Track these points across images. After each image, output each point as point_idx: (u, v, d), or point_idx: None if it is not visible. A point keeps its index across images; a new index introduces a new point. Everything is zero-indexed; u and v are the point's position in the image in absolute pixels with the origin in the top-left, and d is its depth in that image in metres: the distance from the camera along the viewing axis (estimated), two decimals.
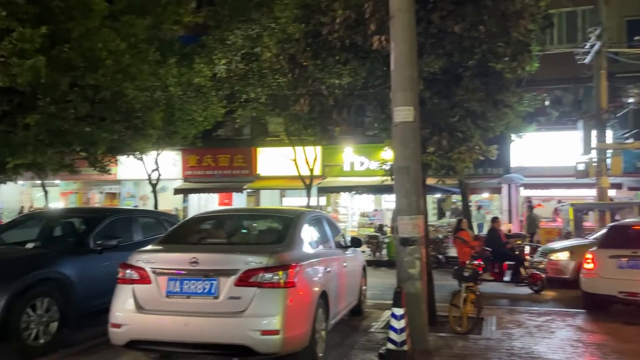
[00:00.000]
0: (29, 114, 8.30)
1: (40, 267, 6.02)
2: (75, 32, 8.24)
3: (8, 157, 8.54)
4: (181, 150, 20.74)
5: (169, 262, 4.98)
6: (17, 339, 5.50)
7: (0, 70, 7.50)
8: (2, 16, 7.34)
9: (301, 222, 5.73)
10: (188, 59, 15.06)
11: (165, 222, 8.40)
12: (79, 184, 24.03)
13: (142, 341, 4.84)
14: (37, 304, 5.76)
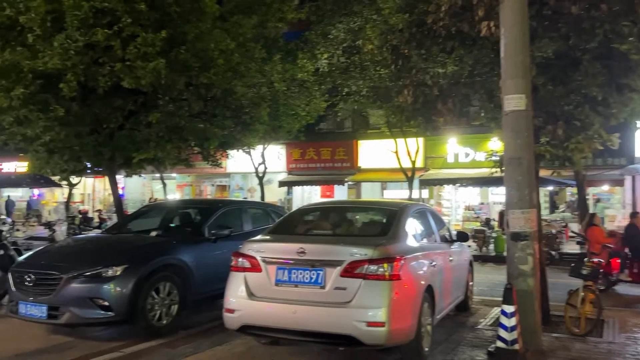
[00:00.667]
0: (151, 113, 9.00)
1: (162, 254, 6.54)
2: (190, 34, 8.78)
3: (133, 152, 9.34)
4: (285, 144, 21.39)
5: (278, 251, 5.17)
6: (143, 319, 6.02)
7: (127, 73, 8.20)
8: (128, 23, 8.01)
9: (405, 214, 5.69)
10: (292, 55, 15.48)
11: (273, 213, 8.74)
12: (193, 177, 25.68)
13: (254, 326, 5.09)
14: (160, 288, 6.26)
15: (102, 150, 9.46)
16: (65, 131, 8.88)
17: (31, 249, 8.55)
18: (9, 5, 8.08)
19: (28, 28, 8.17)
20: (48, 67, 8.04)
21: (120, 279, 5.91)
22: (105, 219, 20.33)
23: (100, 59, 8.46)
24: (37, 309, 5.88)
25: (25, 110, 8.48)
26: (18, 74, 8.14)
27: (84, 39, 8.02)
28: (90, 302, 5.81)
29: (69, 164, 9.63)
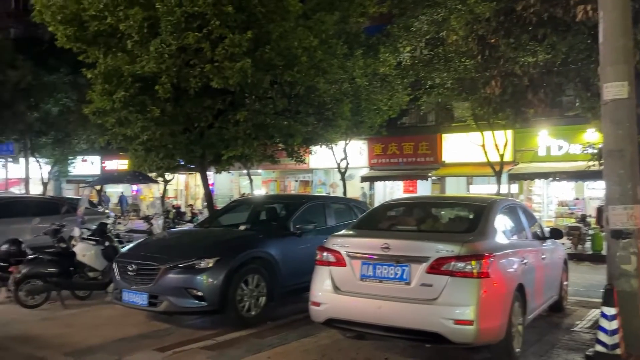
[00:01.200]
0: (239, 111, 9.36)
1: (251, 247, 6.78)
2: (274, 33, 9.01)
3: (222, 149, 9.78)
4: (367, 139, 21.35)
5: (362, 246, 5.19)
6: (233, 310, 6.28)
7: (216, 74, 8.59)
8: (216, 25, 8.38)
9: (494, 210, 5.49)
10: (373, 50, 15.39)
11: (356, 208, 8.77)
12: (277, 173, 26.34)
13: (339, 320, 5.15)
14: (249, 280, 6.49)
15: (194, 148, 9.96)
16: (161, 130, 9.45)
17: (131, 241, 9.18)
18: (110, 15, 8.71)
19: (127, 35, 8.78)
20: (145, 70, 8.59)
21: (212, 270, 6.20)
22: (196, 213, 21.42)
23: (191, 61, 8.91)
24: (138, 297, 6.32)
25: (126, 111, 9.13)
26: (119, 78, 8.78)
27: (176, 42, 8.49)
28: (185, 292, 6.15)
29: (164, 162, 10.24)
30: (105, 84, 8.84)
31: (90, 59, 9.61)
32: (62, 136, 22.75)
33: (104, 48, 9.24)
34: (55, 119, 22.14)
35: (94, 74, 9.12)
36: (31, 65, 20.97)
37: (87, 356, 5.28)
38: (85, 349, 5.51)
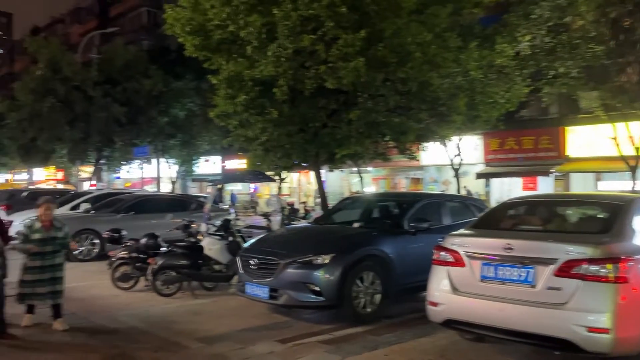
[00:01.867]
0: (352, 110, 9.49)
1: (365, 244, 6.84)
2: (387, 31, 9.00)
3: (336, 148, 9.97)
4: (482, 134, 20.49)
5: (483, 246, 5.01)
6: (349, 306, 6.38)
7: (330, 75, 8.78)
8: (330, 27, 8.56)
9: (633, 209, 5.01)
10: (489, 41, 14.71)
11: (473, 206, 8.47)
12: (387, 170, 26.22)
13: (458, 321, 5.01)
14: (364, 277, 6.55)
15: (309, 148, 10.26)
16: (278, 131, 9.86)
17: (252, 236, 9.67)
18: (232, 23, 9.25)
19: (247, 41, 9.27)
20: (264, 74, 9.02)
21: (328, 266, 6.35)
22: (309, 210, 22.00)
23: (306, 63, 9.19)
24: (260, 290, 6.65)
25: (247, 114, 9.65)
26: (240, 83, 9.31)
27: (292, 46, 8.80)
28: (303, 286, 6.36)
29: (281, 161, 10.68)
30: (228, 88, 9.42)
31: (214, 65, 10.29)
32: (188, 138, 24.59)
33: (226, 55, 9.84)
34: (182, 122, 24.00)
35: (218, 80, 9.75)
36: (162, 74, 22.93)
37: (216, 343, 5.67)
38: (214, 336, 5.93)
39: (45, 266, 6.02)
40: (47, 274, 6.02)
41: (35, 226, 6.06)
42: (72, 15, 52.18)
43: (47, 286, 6.03)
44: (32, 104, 21.39)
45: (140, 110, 22.36)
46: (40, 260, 6.00)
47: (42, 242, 6.00)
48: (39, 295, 6.02)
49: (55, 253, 6.11)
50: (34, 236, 6.01)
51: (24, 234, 6.06)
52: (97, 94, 21.49)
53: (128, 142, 23.71)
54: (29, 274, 5.98)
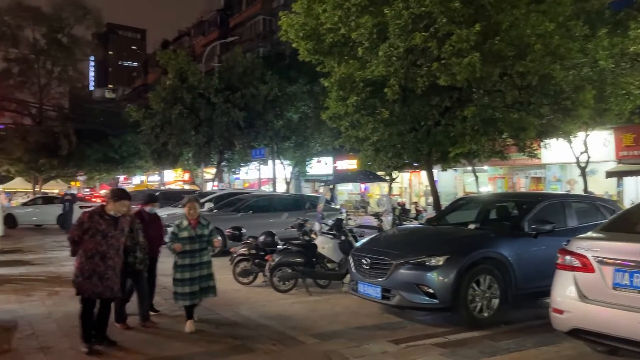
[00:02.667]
0: (466, 107, 9.18)
1: (482, 247, 6.59)
2: (504, 23, 8.59)
3: (449, 147, 9.71)
4: (613, 128, 18.69)
5: (616, 251, 4.59)
6: (464, 309, 6.19)
7: (443, 72, 8.58)
8: (443, 23, 8.37)
9: None
10: (621, 27, 13.44)
11: (602, 208, 7.80)
12: (505, 169, 24.91)
13: (586, 331, 4.66)
14: (480, 280, 6.32)
15: (421, 147, 10.11)
16: (389, 131, 9.84)
17: (363, 235, 9.75)
18: (343, 25, 9.40)
19: (358, 42, 9.36)
20: (375, 75, 9.05)
21: (442, 268, 6.21)
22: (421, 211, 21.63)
23: (418, 61, 9.06)
24: (372, 290, 6.68)
25: (358, 115, 9.74)
26: (352, 84, 9.43)
27: (404, 44, 8.72)
28: (416, 287, 6.29)
29: (392, 160, 10.64)
30: (339, 90, 9.58)
31: (326, 68, 10.53)
32: (301, 140, 25.35)
33: (338, 57, 10.02)
34: (296, 125, 24.81)
35: (330, 82, 9.96)
36: (277, 79, 23.90)
37: (331, 340, 5.79)
38: (329, 333, 6.07)
39: (194, 264, 6.10)
40: (197, 271, 6.10)
41: (183, 224, 6.14)
42: (197, 28, 56.22)
43: (199, 284, 6.12)
44: (163, 112, 23.40)
45: (257, 115, 23.50)
46: (189, 258, 6.08)
47: (190, 240, 6.08)
48: (191, 295, 6.07)
49: (203, 251, 6.19)
50: (182, 234, 6.10)
51: (173, 232, 6.14)
52: (219, 100, 22.93)
53: (247, 145, 25.02)
54: (179, 272, 6.07)
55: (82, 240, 5.28)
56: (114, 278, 5.39)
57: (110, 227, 5.34)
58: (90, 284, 5.25)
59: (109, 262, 5.32)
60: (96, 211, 5.42)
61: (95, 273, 5.24)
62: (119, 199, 5.44)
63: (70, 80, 44.32)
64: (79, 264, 5.29)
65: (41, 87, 41.92)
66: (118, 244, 5.45)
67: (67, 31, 42.50)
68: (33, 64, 41.62)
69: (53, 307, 7.31)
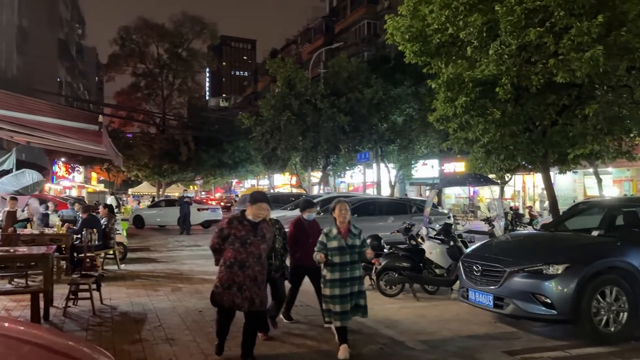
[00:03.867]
0: (587, 105, 8.53)
1: (607, 255, 6.09)
2: (632, 12, 7.86)
3: (568, 148, 9.08)
4: None
5: None
6: (587, 322, 5.74)
7: (560, 68, 8.05)
8: (561, 16, 7.85)
9: None
10: None
11: None
12: (633, 171, 22.76)
13: None
14: (606, 292, 5.84)
15: (536, 148, 9.57)
16: (501, 132, 9.41)
17: (472, 241, 9.41)
18: (451, 25, 9.18)
19: (467, 42, 9.08)
20: (485, 74, 8.72)
21: (561, 277, 5.83)
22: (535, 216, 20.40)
23: (532, 58, 8.59)
24: (484, 297, 6.43)
25: (467, 116, 9.44)
26: (460, 85, 9.16)
27: (516, 41, 8.32)
28: (532, 297, 5.95)
29: (504, 163, 10.16)
30: (447, 91, 9.36)
31: (433, 70, 10.34)
32: (406, 143, 25.06)
33: (446, 58, 9.79)
34: (401, 127, 24.59)
35: (437, 84, 9.76)
36: (381, 82, 23.88)
37: (440, 347, 5.67)
38: (438, 340, 5.94)
39: (344, 279, 5.26)
40: (348, 287, 5.25)
41: (332, 233, 5.34)
42: (303, 35, 57.90)
43: (350, 301, 5.28)
44: (272, 119, 24.37)
45: (362, 118, 23.65)
46: (339, 272, 5.25)
47: (339, 251, 5.25)
48: (341, 314, 5.22)
49: (354, 264, 5.34)
50: (332, 244, 5.28)
51: (321, 242, 5.34)
52: (325, 105, 23.41)
53: (352, 149, 25.25)
54: (328, 287, 5.27)
55: (222, 248, 4.99)
56: (254, 289, 4.89)
57: (250, 234, 4.92)
58: (229, 294, 4.86)
59: (248, 271, 4.87)
60: (236, 216, 5.05)
61: (234, 283, 4.85)
62: (256, 201, 4.99)
63: (189, 91, 47.84)
64: (219, 273, 4.98)
65: (164, 98, 45.66)
66: (258, 252, 4.96)
67: (186, 45, 46.02)
68: (157, 77, 45.48)
69: (176, 302, 7.91)
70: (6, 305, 7.45)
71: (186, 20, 45.57)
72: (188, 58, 46.24)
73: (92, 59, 71.25)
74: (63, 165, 37.35)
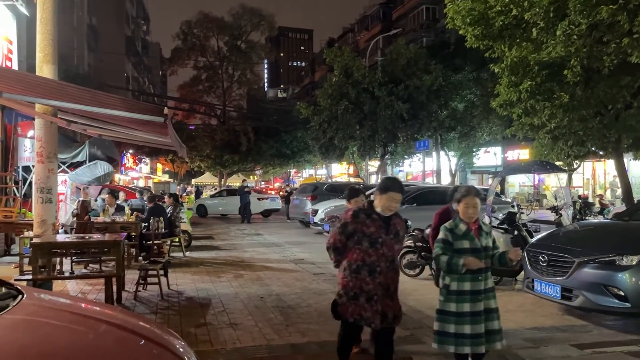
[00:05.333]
0: None
1: None
2: None
3: None
4: None
5: None
6: None
7: (636, 47, 7.55)
8: None
9: None
10: None
11: None
12: None
13: None
14: None
15: (608, 133, 9.07)
16: (569, 117, 8.99)
17: (538, 231, 9.08)
18: (515, 6, 8.81)
19: (532, 23, 8.69)
20: (552, 56, 8.34)
21: (636, 269, 5.53)
22: (606, 205, 19.41)
23: (604, 38, 8.12)
24: (550, 288, 6.20)
25: (533, 100, 9.07)
26: (525, 69, 8.80)
27: (586, 20, 7.89)
28: (603, 289, 5.69)
29: (573, 149, 9.71)
30: (511, 75, 9.03)
31: (495, 54, 9.99)
32: (467, 130, 24.40)
33: (509, 41, 9.43)
34: (461, 114, 23.97)
35: (501, 68, 9.43)
36: (441, 68, 23.34)
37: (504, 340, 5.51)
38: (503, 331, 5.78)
39: (477, 291, 3.96)
40: (481, 302, 3.96)
41: (461, 229, 4.04)
42: (360, 23, 57.42)
43: (483, 322, 3.96)
44: (330, 108, 24.37)
45: (421, 106, 23.21)
46: (470, 282, 3.96)
47: (473, 254, 3.93)
48: (472, 338, 3.93)
49: (488, 271, 4.05)
50: (461, 244, 3.99)
51: (444, 240, 4.05)
52: (383, 93, 23.14)
53: (410, 137, 24.87)
54: (454, 301, 3.99)
55: (346, 247, 4.04)
56: (386, 300, 3.94)
57: (381, 231, 3.94)
58: (356, 306, 3.92)
59: (380, 278, 3.90)
60: (362, 208, 4.08)
61: (362, 292, 3.90)
62: (387, 190, 3.97)
63: (248, 83, 48.76)
64: (343, 279, 4.03)
65: (224, 90, 46.76)
66: (392, 254, 4.00)
67: (245, 38, 46.82)
68: (217, 70, 46.61)
69: (239, 288, 8.14)
70: (82, 288, 7.93)
71: (245, 12, 46.34)
72: (247, 50, 47.08)
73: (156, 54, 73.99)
74: (131, 156, 39.10)
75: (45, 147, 6.77)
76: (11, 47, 10.87)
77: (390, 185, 4.04)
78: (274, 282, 8.57)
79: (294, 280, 8.75)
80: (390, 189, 3.99)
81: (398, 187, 4.03)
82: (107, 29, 44.01)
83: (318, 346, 5.27)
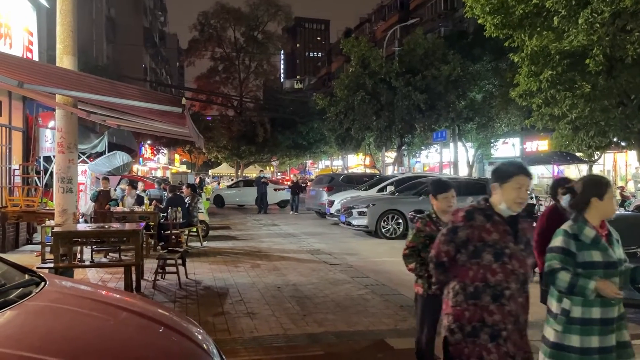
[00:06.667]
0: None
1: None
2: None
3: None
4: None
5: None
6: None
7: None
8: None
9: None
10: None
11: None
12: None
13: None
14: None
15: (630, 124, 8.91)
16: (591, 107, 8.84)
17: None
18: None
19: (553, 11, 8.53)
20: (573, 45, 8.19)
21: None
22: (628, 197, 19.09)
23: (628, 26, 7.95)
24: None
25: (553, 90, 8.93)
26: (545, 58, 8.66)
27: (609, 8, 7.73)
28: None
29: (594, 140, 9.56)
30: (531, 65, 8.90)
31: (515, 43, 9.84)
32: (485, 121, 24.12)
33: (530, 30, 9.28)
34: (479, 105, 23.69)
35: (520, 57, 9.29)
36: (459, 58, 23.06)
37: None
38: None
39: (608, 320, 2.83)
40: (612, 333, 2.84)
41: (588, 235, 2.88)
42: (377, 13, 56.94)
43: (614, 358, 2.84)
44: (346, 99, 24.29)
45: (438, 96, 23.00)
46: (600, 306, 2.81)
47: (606, 270, 2.81)
48: None
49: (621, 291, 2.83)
50: (589, 256, 2.83)
51: (563, 248, 2.88)
52: (400, 84, 22.98)
53: (427, 128, 24.68)
54: (575, 332, 2.85)
55: (454, 261, 2.82)
56: (516, 337, 2.71)
57: (507, 238, 2.74)
58: (475, 346, 2.71)
59: (510, 305, 2.72)
60: (479, 207, 2.81)
61: (484, 326, 2.71)
62: (508, 176, 2.75)
63: (264, 74, 48.79)
64: (454, 307, 2.81)
65: (241, 81, 46.87)
66: (524, 271, 2.77)
67: (261, 28, 46.80)
68: (234, 61, 46.72)
69: (256, 277, 8.19)
70: (102, 277, 8.06)
71: (261, 2, 46.28)
72: (263, 41, 47.08)
73: (174, 45, 74.35)
74: (149, 147, 39.49)
75: (66, 138, 6.86)
76: (32, 38, 11.01)
77: (513, 169, 2.78)
78: (291, 272, 8.61)
79: (311, 271, 8.78)
80: (515, 173, 2.75)
81: (523, 169, 2.79)
82: (125, 20, 44.34)
83: (335, 336, 5.29)
